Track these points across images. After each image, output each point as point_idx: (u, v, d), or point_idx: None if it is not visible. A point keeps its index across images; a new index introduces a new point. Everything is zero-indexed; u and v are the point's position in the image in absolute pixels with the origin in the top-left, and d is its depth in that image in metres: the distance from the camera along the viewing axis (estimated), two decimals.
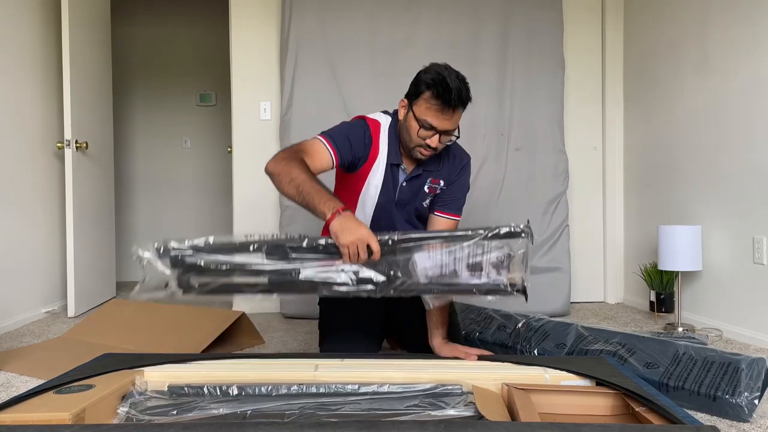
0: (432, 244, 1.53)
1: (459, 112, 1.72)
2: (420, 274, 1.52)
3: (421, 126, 1.72)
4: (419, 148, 1.76)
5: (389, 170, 1.84)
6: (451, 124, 1.72)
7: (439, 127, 1.71)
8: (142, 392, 1.47)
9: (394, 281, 1.52)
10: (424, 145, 1.74)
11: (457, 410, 1.35)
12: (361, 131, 1.82)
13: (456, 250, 1.52)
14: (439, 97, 1.67)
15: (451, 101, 1.67)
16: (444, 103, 1.68)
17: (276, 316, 3.28)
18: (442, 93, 1.67)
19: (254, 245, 1.57)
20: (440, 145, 1.76)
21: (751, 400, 1.57)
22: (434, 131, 1.71)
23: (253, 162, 3.40)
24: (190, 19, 4.95)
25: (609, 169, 3.58)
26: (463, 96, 1.70)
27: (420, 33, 3.31)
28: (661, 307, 2.95)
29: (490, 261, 1.52)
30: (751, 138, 2.54)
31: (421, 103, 1.72)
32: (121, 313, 2.74)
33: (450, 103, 1.67)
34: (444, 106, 1.68)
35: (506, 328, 2.27)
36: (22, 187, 3.03)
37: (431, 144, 1.73)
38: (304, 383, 1.51)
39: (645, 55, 3.35)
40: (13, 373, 2.08)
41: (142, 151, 4.95)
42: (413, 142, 1.76)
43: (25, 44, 3.10)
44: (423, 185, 1.88)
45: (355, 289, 1.52)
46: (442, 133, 1.73)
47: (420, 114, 1.72)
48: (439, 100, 1.68)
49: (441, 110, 1.69)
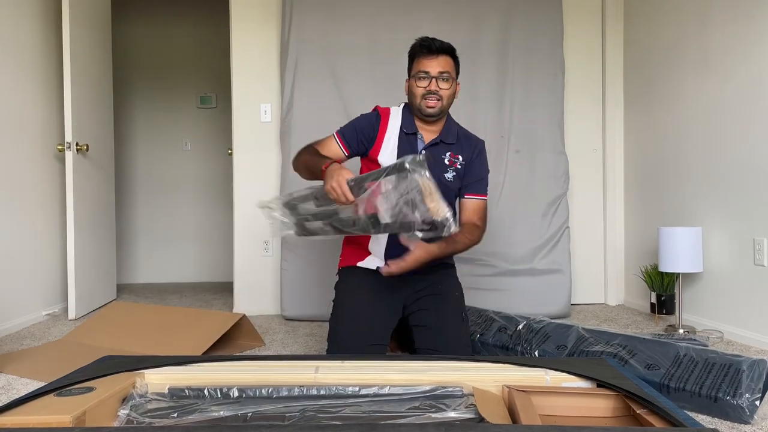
0: (375, 186, 1.67)
1: (445, 58, 1.99)
2: (384, 214, 1.67)
3: (417, 78, 1.99)
4: (425, 100, 1.98)
5: (404, 139, 2.04)
6: (440, 66, 1.98)
7: (430, 71, 1.97)
8: (142, 394, 1.47)
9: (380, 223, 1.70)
10: (426, 93, 1.98)
11: (458, 412, 1.35)
12: (370, 117, 2.08)
13: (388, 192, 1.65)
14: (422, 49, 1.99)
15: (432, 47, 1.98)
16: (428, 51, 1.98)
17: (276, 318, 3.28)
18: (423, 46, 1.99)
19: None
20: (441, 90, 1.98)
21: (752, 402, 1.57)
22: (428, 76, 1.98)
23: (253, 164, 3.40)
24: (190, 21, 4.96)
25: (609, 171, 3.59)
26: (445, 45, 2.00)
27: (420, 35, 3.30)
28: (661, 308, 2.95)
29: (404, 201, 1.63)
30: (752, 139, 2.54)
31: (414, 65, 2.02)
32: (122, 316, 2.74)
33: (431, 48, 1.98)
34: (428, 53, 1.98)
35: (507, 329, 2.27)
36: (23, 190, 3.03)
37: (431, 88, 1.97)
38: (304, 385, 1.51)
39: (645, 56, 3.35)
40: (13, 376, 2.08)
41: (142, 154, 4.96)
42: (418, 96, 1.99)
43: (26, 46, 3.10)
44: (442, 155, 2.04)
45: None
46: (436, 78, 1.97)
47: (415, 70, 2.01)
48: (423, 50, 1.99)
49: (427, 57, 1.98)
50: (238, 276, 3.43)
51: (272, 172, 3.40)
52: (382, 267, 1.87)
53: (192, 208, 5.00)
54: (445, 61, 1.99)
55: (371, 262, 2.06)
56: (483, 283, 3.18)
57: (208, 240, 4.98)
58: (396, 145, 2.02)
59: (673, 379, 1.71)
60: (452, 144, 2.06)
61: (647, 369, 1.78)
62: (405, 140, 2.03)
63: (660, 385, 1.72)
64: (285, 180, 3.24)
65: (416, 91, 2.00)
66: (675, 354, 1.78)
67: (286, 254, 3.22)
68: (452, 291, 2.09)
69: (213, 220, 4.98)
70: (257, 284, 3.41)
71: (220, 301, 3.87)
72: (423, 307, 2.03)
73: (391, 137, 2.03)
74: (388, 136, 2.03)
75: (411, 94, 2.03)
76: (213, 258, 4.95)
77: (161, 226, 4.97)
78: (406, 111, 2.08)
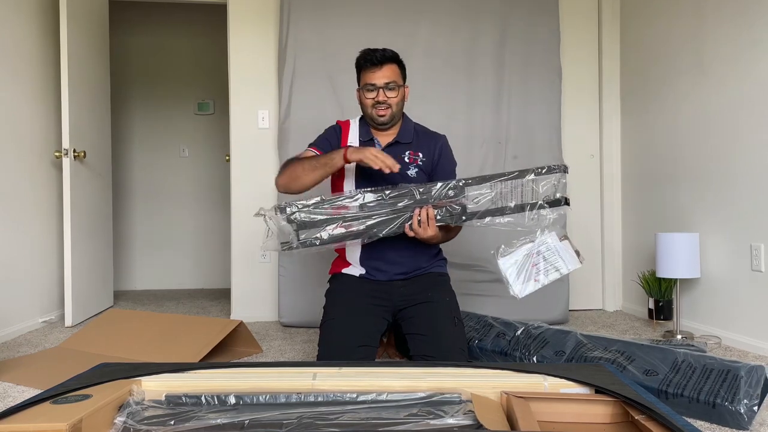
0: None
1: (389, 66, 2.07)
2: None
3: (365, 90, 2.08)
4: (375, 110, 2.08)
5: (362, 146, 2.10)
6: (385, 77, 2.06)
7: (376, 82, 2.05)
8: (139, 402, 1.46)
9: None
10: (375, 103, 2.07)
11: (456, 419, 1.35)
12: (333, 129, 2.21)
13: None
14: (366, 62, 2.07)
15: (374, 59, 2.05)
16: (371, 64, 2.06)
17: (274, 324, 3.27)
18: (366, 59, 2.07)
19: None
20: (389, 99, 2.07)
21: (751, 408, 1.57)
22: (375, 87, 2.06)
23: (251, 170, 3.40)
24: (188, 28, 4.97)
25: (606, 176, 3.59)
26: (387, 53, 2.07)
27: (418, 42, 3.32)
28: (659, 314, 2.95)
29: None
30: (749, 145, 2.55)
31: (361, 77, 2.11)
32: (119, 323, 2.73)
33: (374, 60, 2.05)
34: (371, 65, 2.06)
35: (505, 335, 2.26)
36: (20, 196, 3.03)
37: (380, 98, 2.05)
38: (302, 392, 1.50)
39: (641, 62, 3.37)
40: (9, 383, 2.07)
41: (140, 160, 4.95)
42: (368, 107, 2.09)
43: (24, 53, 3.11)
44: (401, 154, 2.11)
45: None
46: (382, 89, 2.06)
47: (362, 83, 2.10)
48: (367, 63, 2.06)
49: (371, 70, 2.06)
50: (236, 283, 3.42)
51: (270, 179, 3.37)
52: (407, 230, 1.93)
53: (189, 215, 4.99)
54: (389, 70, 2.07)
55: (354, 270, 2.15)
56: (481, 289, 3.18)
57: (205, 246, 4.97)
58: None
59: (671, 385, 1.71)
60: (409, 143, 2.15)
61: (645, 375, 1.77)
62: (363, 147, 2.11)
63: (658, 391, 1.71)
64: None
65: (366, 102, 2.10)
66: (673, 360, 1.78)
67: (284, 261, 3.21)
68: (443, 297, 2.11)
69: (210, 226, 4.98)
70: (254, 291, 3.40)
71: (218, 307, 3.86)
72: (414, 315, 2.05)
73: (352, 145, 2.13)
74: (349, 144, 2.13)
75: (362, 105, 2.13)
76: (210, 265, 4.94)
77: (158, 232, 4.96)
78: (362, 121, 2.19)
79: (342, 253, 2.19)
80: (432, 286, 2.12)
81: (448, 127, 2.72)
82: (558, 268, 1.91)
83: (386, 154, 1.88)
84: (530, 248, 1.92)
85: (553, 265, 1.91)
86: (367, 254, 2.10)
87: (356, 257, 2.13)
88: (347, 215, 1.90)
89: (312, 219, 1.89)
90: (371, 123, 2.14)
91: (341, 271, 2.17)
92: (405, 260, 2.09)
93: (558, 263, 1.91)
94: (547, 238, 1.91)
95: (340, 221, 1.89)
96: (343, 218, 1.90)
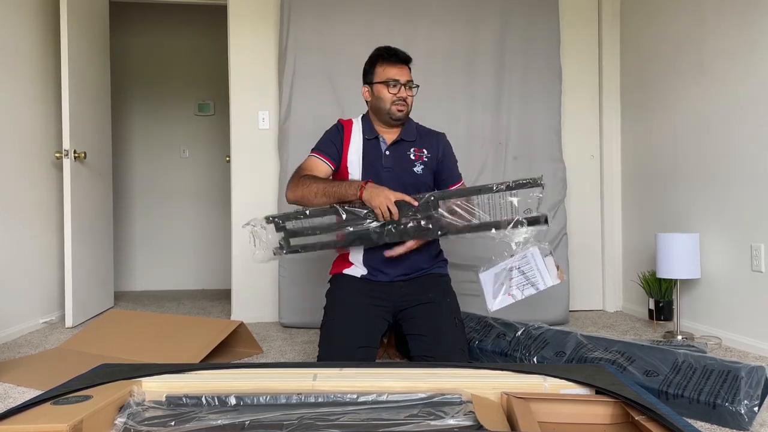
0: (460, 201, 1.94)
1: (407, 68, 2.14)
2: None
3: (388, 85, 2.10)
4: (394, 106, 2.10)
5: (368, 144, 2.16)
6: (408, 75, 2.13)
7: (401, 79, 2.11)
8: (139, 403, 1.46)
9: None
10: (396, 99, 2.10)
11: (457, 420, 1.35)
12: (335, 129, 2.21)
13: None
14: (390, 57, 2.12)
15: (399, 56, 2.12)
16: (396, 60, 2.12)
17: (274, 325, 3.27)
18: (390, 54, 2.12)
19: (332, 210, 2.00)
20: (409, 97, 2.13)
21: (751, 408, 1.57)
22: (398, 83, 2.10)
23: (251, 171, 3.40)
24: (188, 28, 4.97)
25: (606, 177, 3.59)
26: (408, 55, 2.14)
27: (418, 43, 3.31)
28: (660, 315, 2.95)
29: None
30: (748, 145, 2.55)
31: (379, 72, 2.13)
32: (119, 324, 2.73)
33: (399, 57, 2.12)
34: (396, 61, 2.12)
35: (506, 336, 2.27)
36: (21, 198, 3.03)
37: (402, 95, 2.10)
38: (302, 393, 1.51)
39: (642, 62, 3.37)
40: (10, 384, 2.07)
41: (140, 161, 4.96)
42: (388, 102, 2.11)
43: (24, 53, 3.11)
44: (407, 152, 2.16)
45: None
46: (404, 86, 2.11)
47: (383, 77, 2.11)
48: (391, 59, 2.12)
49: (396, 65, 2.11)
50: (236, 283, 3.42)
51: (270, 179, 3.39)
52: (386, 251, 2.03)
53: (190, 216, 4.99)
54: (408, 70, 2.15)
55: (355, 271, 2.15)
56: (482, 290, 3.17)
57: (205, 247, 4.97)
58: (361, 149, 2.16)
59: (672, 386, 1.71)
60: (413, 141, 2.19)
61: (646, 375, 1.77)
62: (368, 144, 2.17)
63: (658, 391, 1.71)
64: (283, 187, 3.24)
65: (387, 97, 2.11)
66: (673, 360, 1.78)
67: (284, 262, 3.21)
68: (444, 298, 2.12)
69: (211, 227, 4.98)
70: (255, 292, 3.40)
71: (218, 308, 3.86)
72: (414, 315, 2.05)
73: (355, 143, 2.17)
74: (353, 142, 2.17)
75: (380, 99, 2.13)
76: (211, 265, 4.94)
77: (159, 233, 4.96)
78: (365, 119, 2.22)
79: (343, 254, 2.19)
80: (433, 286, 2.12)
81: (448, 128, 2.71)
82: (535, 283, 1.90)
83: (396, 210, 1.92)
84: (510, 262, 1.92)
85: (530, 281, 1.91)
86: (370, 255, 2.10)
87: (359, 258, 2.13)
88: (333, 225, 2.00)
89: (302, 227, 2.03)
90: (387, 118, 2.14)
91: (342, 271, 2.17)
92: (406, 261, 2.09)
93: (535, 279, 1.90)
94: (530, 253, 1.91)
95: (328, 231, 2.01)
96: (330, 227, 2.00)
